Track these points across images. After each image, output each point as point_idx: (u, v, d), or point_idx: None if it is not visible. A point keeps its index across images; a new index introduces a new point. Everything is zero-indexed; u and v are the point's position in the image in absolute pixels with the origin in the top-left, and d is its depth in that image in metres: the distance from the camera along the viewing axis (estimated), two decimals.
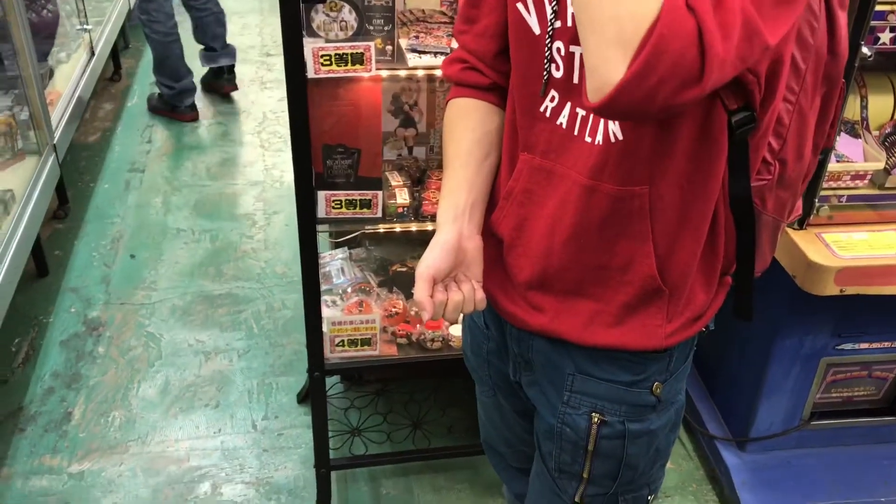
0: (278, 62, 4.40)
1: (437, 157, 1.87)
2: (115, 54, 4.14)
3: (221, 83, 4.06)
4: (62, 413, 2.33)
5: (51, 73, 3.24)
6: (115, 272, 2.90)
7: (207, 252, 3.02)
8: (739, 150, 0.97)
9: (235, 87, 4.09)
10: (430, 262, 1.07)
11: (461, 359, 1.43)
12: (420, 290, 1.05)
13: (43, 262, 2.83)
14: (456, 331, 1.87)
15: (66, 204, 3.15)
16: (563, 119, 1.03)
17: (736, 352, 2.12)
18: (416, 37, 1.58)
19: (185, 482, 2.14)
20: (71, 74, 3.33)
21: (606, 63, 0.77)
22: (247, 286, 2.86)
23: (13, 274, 2.37)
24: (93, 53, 3.53)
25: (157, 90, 3.92)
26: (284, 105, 3.92)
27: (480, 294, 1.10)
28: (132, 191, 3.36)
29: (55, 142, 2.90)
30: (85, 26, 3.50)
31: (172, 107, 3.85)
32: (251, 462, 2.20)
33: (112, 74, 4.19)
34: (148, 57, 4.42)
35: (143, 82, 4.22)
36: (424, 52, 1.55)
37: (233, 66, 4.06)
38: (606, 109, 0.79)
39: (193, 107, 3.89)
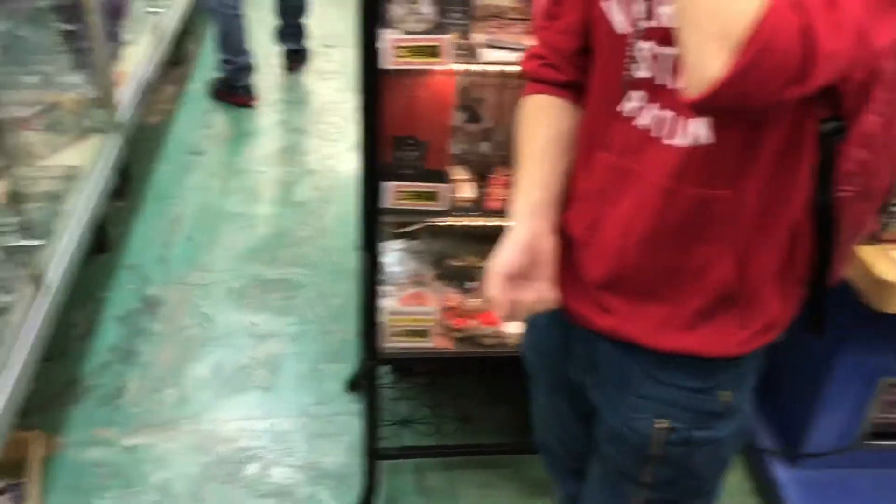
0: (337, 53, 4.43)
1: (502, 154, 1.87)
2: (179, 38, 4.21)
3: (293, 61, 4.22)
4: (117, 387, 2.38)
5: (118, 54, 3.31)
6: (172, 252, 2.95)
7: (263, 237, 3.06)
8: (826, 159, 0.95)
9: (302, 63, 4.24)
10: (504, 259, 1.06)
11: (515, 356, 1.42)
12: (494, 288, 1.05)
13: (104, 240, 2.89)
14: (511, 328, 1.87)
15: (127, 183, 3.21)
16: (643, 120, 1.02)
17: (793, 365, 2.08)
18: (491, 32, 1.59)
19: (234, 462, 2.18)
20: (138, 56, 3.39)
21: (707, 58, 0.76)
22: (300, 272, 2.89)
23: (76, 249, 2.43)
24: (159, 36, 3.60)
25: (217, 78, 3.98)
26: (342, 95, 4.02)
27: (552, 293, 1.09)
28: (191, 173, 3.41)
29: (120, 122, 2.96)
30: (154, 9, 3.56)
31: (231, 87, 3.90)
32: (300, 446, 2.23)
33: (175, 58, 4.26)
34: (211, 42, 4.49)
35: (205, 67, 4.28)
36: (500, 48, 1.55)
37: (304, 49, 4.19)
38: (705, 105, 0.79)
39: (251, 90, 3.94)
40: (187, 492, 2.09)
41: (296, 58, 4.30)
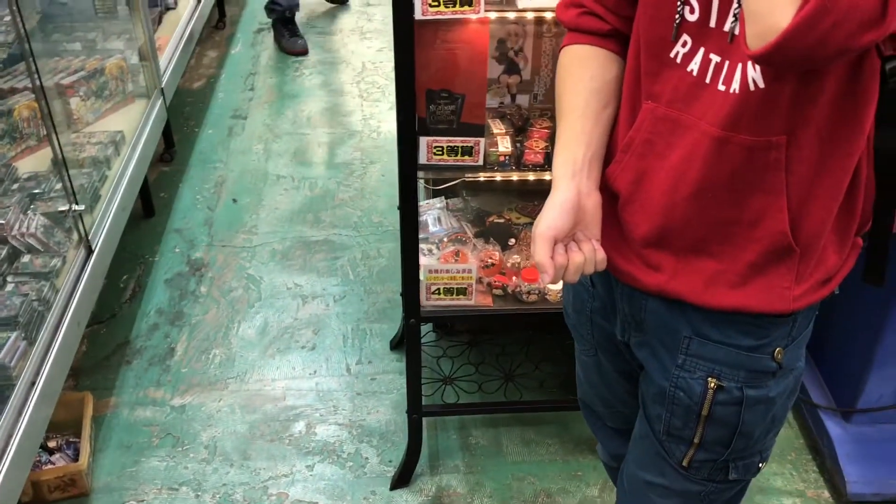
0: (378, 12, 4.39)
1: (541, 106, 1.83)
2: (220, 2, 4.21)
3: None
4: (166, 348, 2.43)
5: (160, 19, 3.32)
6: (217, 215, 2.97)
7: (306, 199, 3.06)
8: (891, 100, 0.90)
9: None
10: (549, 222, 1.03)
11: (557, 313, 1.40)
12: (541, 252, 1.02)
13: (150, 204, 2.93)
14: (553, 285, 1.84)
15: (171, 148, 3.24)
16: (693, 66, 0.97)
17: (847, 318, 2.02)
18: None
19: (280, 420, 2.20)
20: (178, 21, 3.40)
21: (772, 8, 0.71)
22: (343, 233, 2.89)
23: (123, 213, 2.46)
24: (199, 1, 3.60)
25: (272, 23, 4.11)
26: (383, 55, 3.98)
27: (602, 254, 1.06)
28: (235, 137, 3.43)
29: (163, 86, 2.97)
30: None
31: (286, 22, 4.00)
32: (344, 404, 2.25)
33: (217, 22, 4.26)
34: (252, 6, 4.48)
35: (247, 30, 4.28)
36: None
37: None
38: (771, 57, 0.74)
39: (300, 36, 4.05)
40: (235, 449, 2.12)
41: None
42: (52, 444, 2.04)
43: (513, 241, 1.94)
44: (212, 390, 2.29)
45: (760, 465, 1.22)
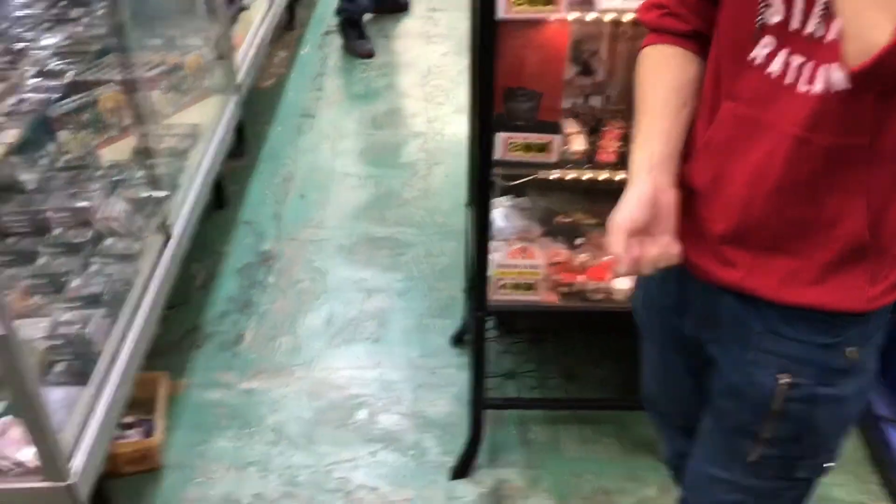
0: (444, 17, 4.45)
1: (614, 108, 1.86)
2: (290, 4, 4.32)
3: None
4: (235, 334, 2.51)
5: (235, 18, 3.42)
6: (286, 210, 3.06)
7: (372, 197, 3.13)
8: None
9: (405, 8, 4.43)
10: (626, 214, 1.05)
11: (623, 312, 1.42)
12: (616, 244, 1.04)
13: (222, 196, 3.02)
14: (620, 283, 1.87)
15: (243, 143, 3.34)
16: (775, 67, 1.00)
17: None
18: None
19: (345, 408, 2.26)
20: (253, 21, 3.50)
21: (871, 26, 0.74)
22: (407, 231, 2.95)
23: (199, 203, 2.55)
24: (274, 1, 3.70)
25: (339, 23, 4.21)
26: (448, 59, 4.05)
27: (676, 248, 1.07)
28: (303, 135, 3.52)
29: (238, 83, 3.07)
30: None
31: (354, 24, 4.12)
32: (407, 395, 2.30)
33: (287, 23, 4.37)
34: (320, 9, 4.59)
35: (316, 32, 4.38)
36: None
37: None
38: (870, 74, 0.77)
39: (368, 39, 4.15)
40: (301, 434, 2.19)
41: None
42: (127, 419, 2.13)
43: (580, 240, 1.98)
44: (279, 376, 2.36)
45: (828, 465, 1.22)
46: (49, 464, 1.59)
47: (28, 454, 1.63)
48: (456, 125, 3.55)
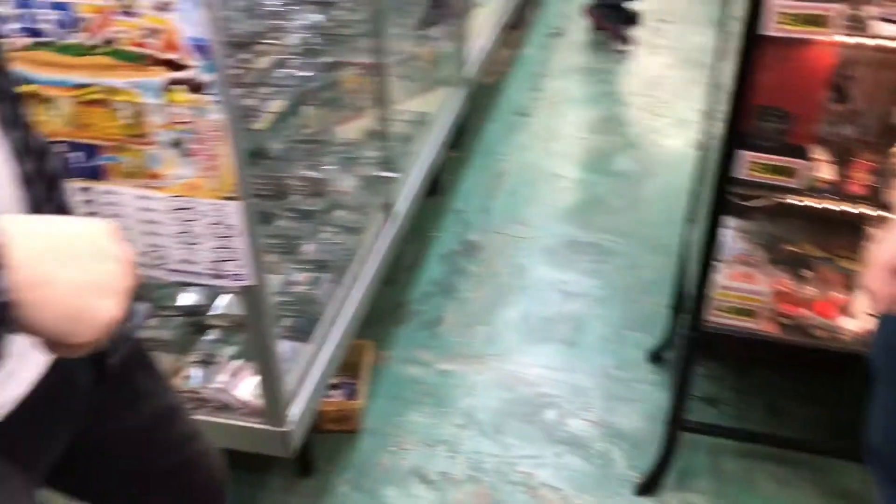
0: (672, 29, 4.37)
1: (867, 139, 1.76)
2: (521, 4, 4.39)
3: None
4: (436, 316, 2.60)
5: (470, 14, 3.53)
6: (494, 204, 3.13)
7: (580, 201, 3.14)
8: None
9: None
10: (890, 252, 1.02)
11: (846, 354, 1.35)
12: (878, 280, 1.01)
13: (437, 183, 3.13)
14: (849, 324, 1.77)
15: (461, 135, 3.44)
16: None
17: None
18: (887, 5, 1.49)
19: (533, 404, 2.29)
20: (486, 18, 3.60)
21: None
22: (612, 240, 2.93)
23: (420, 188, 2.67)
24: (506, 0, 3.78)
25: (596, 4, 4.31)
26: (672, 71, 3.97)
27: None
28: (518, 133, 3.57)
29: (467, 77, 3.17)
30: None
31: (610, 17, 4.19)
32: (597, 403, 2.29)
33: (514, 23, 4.45)
34: (547, 10, 4.64)
35: (541, 33, 4.43)
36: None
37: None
38: None
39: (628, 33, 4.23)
40: (489, 421, 2.24)
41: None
42: (333, 380, 2.26)
43: (806, 272, 1.89)
44: (473, 363, 2.43)
45: None
46: (271, 408, 1.73)
47: (254, 397, 1.78)
48: (674, 138, 3.48)
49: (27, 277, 0.52)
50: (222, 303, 1.94)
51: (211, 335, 1.94)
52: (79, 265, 0.57)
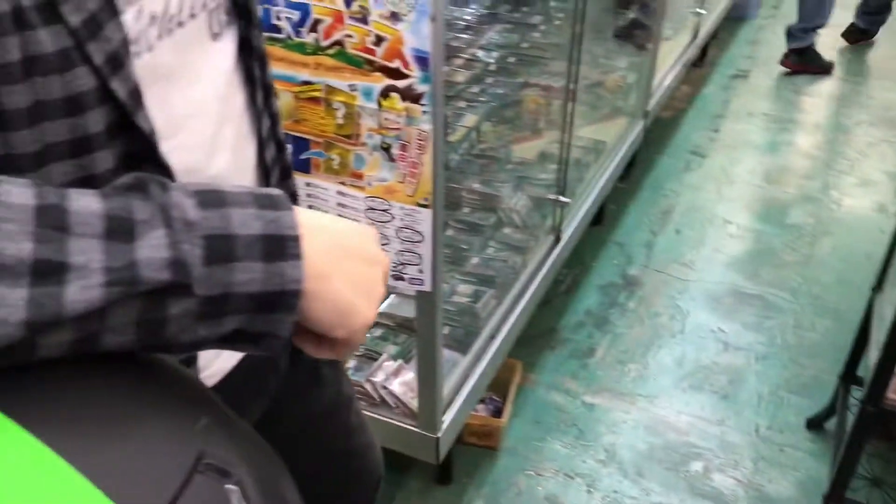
0: (866, 85, 4.16)
1: None
2: (705, 41, 4.30)
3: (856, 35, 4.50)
4: (587, 347, 2.57)
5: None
6: (658, 241, 3.06)
7: (748, 250, 3.03)
8: None
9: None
10: None
11: None
12: None
13: (601, 212, 3.11)
14: None
15: (631, 167, 3.40)
16: None
17: None
18: None
19: (679, 453, 2.22)
20: (672, 53, 3.54)
21: None
22: (779, 295, 2.81)
23: (587, 215, 2.65)
24: (695, 36, 3.71)
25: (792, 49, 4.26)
26: (861, 129, 3.79)
27: None
28: (690, 172, 3.49)
29: (647, 110, 3.13)
30: (698, 10, 3.67)
31: (805, 58, 4.18)
32: (746, 463, 2.20)
33: (696, 60, 4.36)
34: (732, 50, 4.51)
35: (723, 73, 4.32)
36: None
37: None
38: None
39: (823, 60, 4.23)
40: (631, 462, 2.19)
41: (861, 35, 4.53)
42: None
43: None
44: (621, 400, 2.38)
45: None
46: (427, 413, 1.76)
47: (410, 398, 1.82)
48: (856, 198, 3.31)
49: (314, 269, 0.56)
50: (388, 301, 2.00)
51: (375, 332, 2.00)
52: (352, 264, 0.60)
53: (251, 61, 0.84)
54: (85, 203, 0.48)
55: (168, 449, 0.44)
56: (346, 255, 0.59)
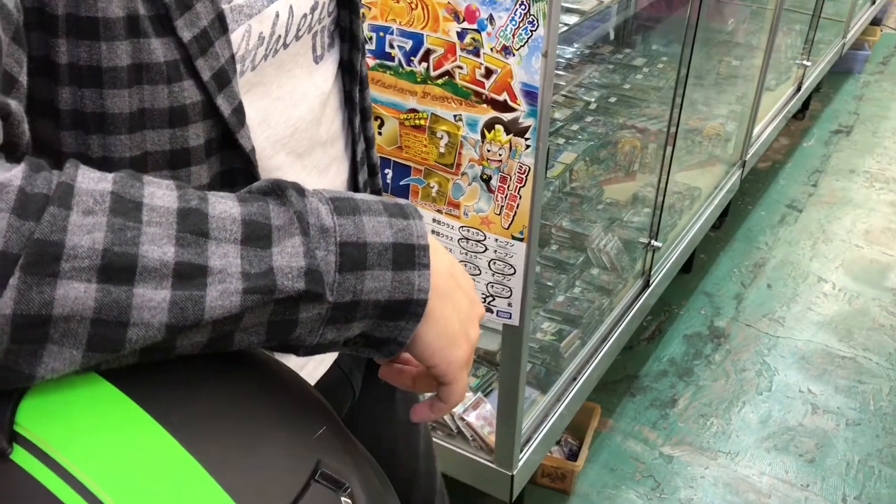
0: None
1: None
2: (808, 93, 4.20)
3: None
4: (669, 397, 2.51)
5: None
6: (748, 294, 2.98)
7: (843, 311, 2.91)
8: None
9: None
10: None
11: None
12: None
13: (690, 260, 3.04)
14: None
15: (724, 216, 3.33)
16: None
17: None
18: None
19: None
20: (774, 102, 3.47)
21: None
22: (874, 360, 2.69)
23: (678, 262, 2.60)
24: (799, 88, 3.63)
25: None
26: None
27: None
28: (785, 226, 3.40)
29: (745, 159, 3.06)
30: (803, 62, 3.59)
31: None
32: None
33: (797, 112, 4.26)
34: (835, 104, 4.39)
35: (825, 128, 4.20)
36: None
37: None
38: None
39: None
40: None
41: None
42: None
43: None
44: (701, 455, 2.31)
45: None
46: (504, 450, 1.74)
47: (487, 432, 1.80)
48: None
49: (437, 285, 0.56)
50: None
51: None
52: (461, 296, 0.59)
53: (352, 84, 0.84)
54: (224, 207, 0.49)
55: (290, 455, 0.44)
56: (458, 286, 0.59)
